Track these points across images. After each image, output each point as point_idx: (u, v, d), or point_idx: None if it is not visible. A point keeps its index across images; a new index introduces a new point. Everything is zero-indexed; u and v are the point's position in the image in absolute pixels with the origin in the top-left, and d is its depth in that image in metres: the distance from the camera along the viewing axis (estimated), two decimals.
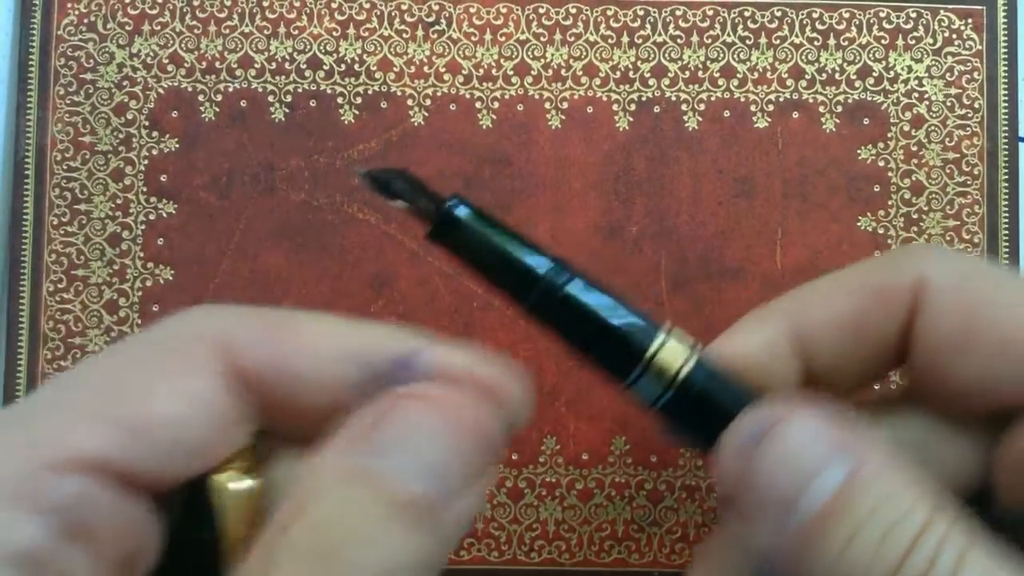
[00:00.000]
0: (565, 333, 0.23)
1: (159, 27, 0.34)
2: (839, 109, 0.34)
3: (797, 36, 0.34)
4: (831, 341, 0.23)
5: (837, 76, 0.34)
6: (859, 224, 0.34)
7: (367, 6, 0.34)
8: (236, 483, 0.20)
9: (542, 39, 0.34)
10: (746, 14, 0.34)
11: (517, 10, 0.34)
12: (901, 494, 0.19)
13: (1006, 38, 0.34)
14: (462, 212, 0.22)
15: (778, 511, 0.20)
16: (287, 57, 0.34)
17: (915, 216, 0.34)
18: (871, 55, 0.34)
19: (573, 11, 0.34)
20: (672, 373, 0.22)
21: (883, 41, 0.35)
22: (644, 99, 0.34)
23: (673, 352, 0.22)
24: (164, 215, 0.34)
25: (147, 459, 0.19)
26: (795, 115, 0.34)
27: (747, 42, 0.34)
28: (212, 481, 0.20)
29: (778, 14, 0.34)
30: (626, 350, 0.22)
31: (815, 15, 0.34)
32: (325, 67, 0.34)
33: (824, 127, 0.34)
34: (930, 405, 0.24)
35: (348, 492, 0.18)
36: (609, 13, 0.34)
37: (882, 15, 0.34)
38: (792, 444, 0.20)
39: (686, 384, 0.22)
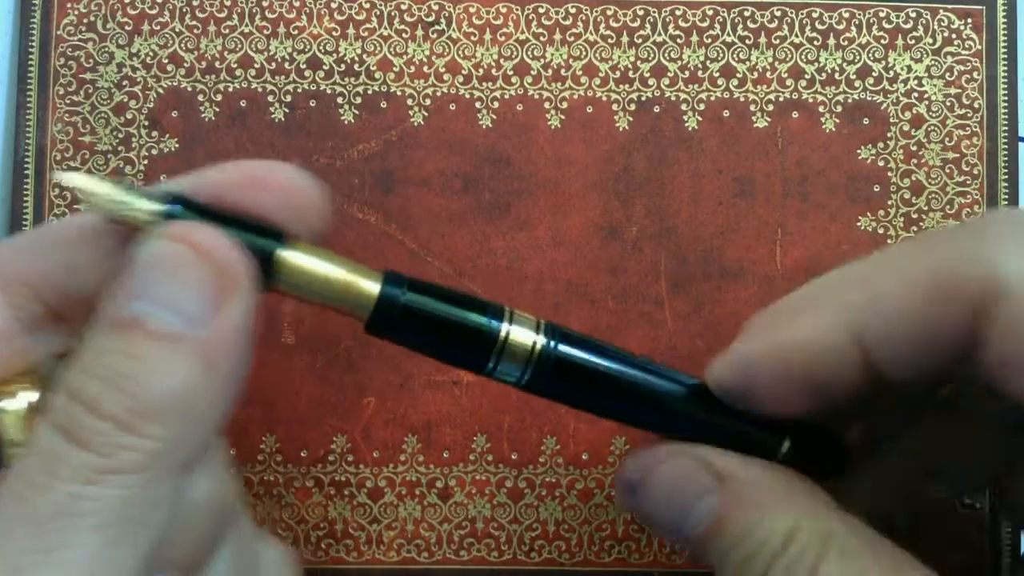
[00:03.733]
0: (414, 345, 0.24)
1: (159, 27, 0.34)
2: (839, 109, 0.34)
3: (797, 36, 0.34)
4: (894, 341, 0.22)
5: (837, 76, 0.34)
6: (859, 224, 0.34)
7: (367, 6, 0.34)
8: (6, 401, 0.21)
9: (542, 39, 0.34)
10: (746, 14, 0.34)
11: (517, 10, 0.34)
12: (761, 518, 0.22)
13: (1006, 38, 0.34)
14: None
15: (669, 532, 0.24)
16: (287, 57, 0.34)
17: (915, 216, 0.34)
18: (871, 55, 0.34)
19: (573, 11, 0.34)
20: (527, 352, 0.23)
21: (883, 41, 0.35)
22: (644, 99, 0.34)
23: (522, 333, 0.23)
24: None
25: None
26: (795, 115, 0.34)
27: (747, 42, 0.34)
28: None
29: (778, 14, 0.34)
30: (476, 345, 0.23)
31: (815, 15, 0.34)
32: (325, 67, 0.34)
33: (824, 127, 0.34)
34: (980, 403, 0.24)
35: (106, 340, 0.20)
36: (609, 13, 0.34)
37: (882, 15, 0.35)
38: (664, 485, 0.24)
39: (543, 357, 0.23)
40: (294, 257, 0.22)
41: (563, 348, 0.23)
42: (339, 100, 0.34)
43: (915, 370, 0.22)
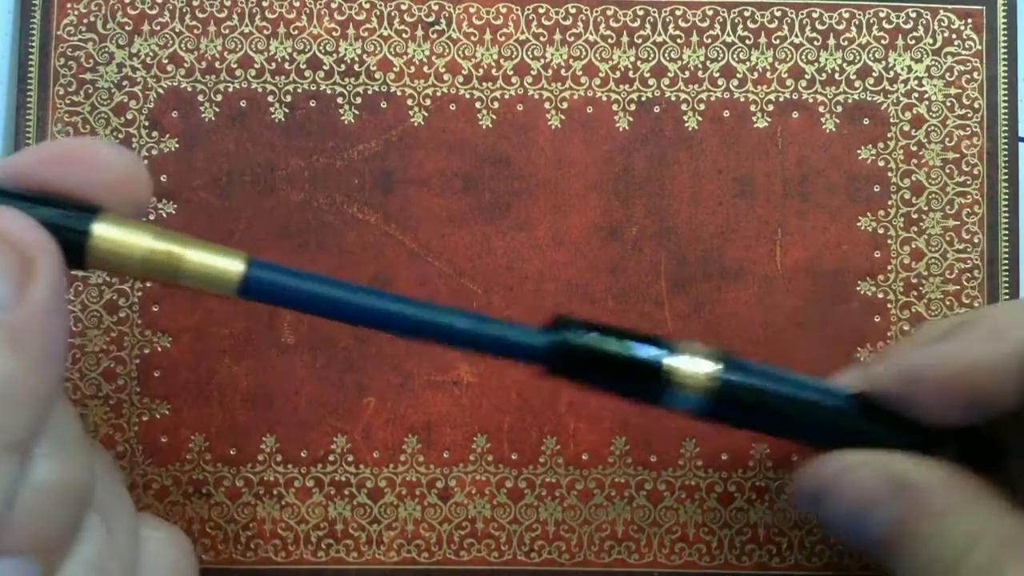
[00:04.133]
0: (592, 385, 0.25)
1: (159, 27, 0.34)
2: (839, 109, 0.34)
3: (797, 36, 0.34)
4: None
5: (837, 76, 0.34)
6: (859, 224, 0.34)
7: (367, 6, 0.34)
8: None
9: (542, 39, 0.34)
10: (746, 14, 0.34)
11: (517, 10, 0.34)
12: (943, 523, 0.23)
13: (1006, 38, 0.34)
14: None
15: (852, 539, 0.25)
16: (287, 57, 0.34)
17: (915, 216, 0.34)
18: (871, 55, 0.34)
19: (573, 11, 0.34)
20: (701, 383, 0.24)
21: (883, 41, 0.35)
22: (644, 99, 0.34)
23: (695, 363, 0.24)
24: (164, 215, 0.34)
25: None
26: (795, 115, 0.34)
27: (747, 42, 0.34)
28: None
29: (778, 14, 0.34)
30: (650, 378, 0.24)
31: (815, 15, 0.35)
32: (325, 67, 0.34)
33: (824, 127, 0.34)
34: None
35: None
36: (609, 13, 0.34)
37: (882, 15, 0.35)
38: (847, 495, 0.24)
39: (719, 388, 0.24)
40: (105, 231, 0.22)
41: (737, 377, 0.24)
42: (339, 100, 0.34)
43: None
